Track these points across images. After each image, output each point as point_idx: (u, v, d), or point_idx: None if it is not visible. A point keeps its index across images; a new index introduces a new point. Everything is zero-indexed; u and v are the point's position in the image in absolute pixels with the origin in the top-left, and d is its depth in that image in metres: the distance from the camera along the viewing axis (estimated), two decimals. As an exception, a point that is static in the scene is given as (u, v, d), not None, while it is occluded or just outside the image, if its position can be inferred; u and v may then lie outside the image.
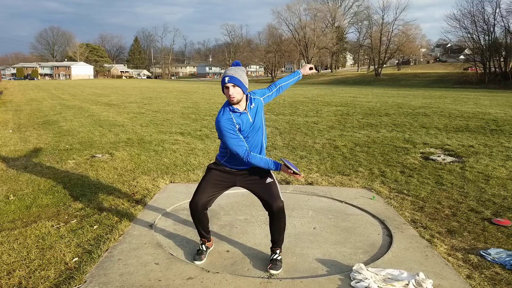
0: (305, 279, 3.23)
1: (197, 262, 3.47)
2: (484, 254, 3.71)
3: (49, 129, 11.22)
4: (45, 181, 5.96)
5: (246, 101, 3.26)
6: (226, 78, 3.10)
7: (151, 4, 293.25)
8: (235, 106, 3.17)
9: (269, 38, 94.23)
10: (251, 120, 3.26)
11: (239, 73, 3.15)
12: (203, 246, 3.62)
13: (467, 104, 20.24)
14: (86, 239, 3.93)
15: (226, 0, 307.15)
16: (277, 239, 3.45)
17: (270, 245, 3.52)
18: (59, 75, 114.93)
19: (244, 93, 3.19)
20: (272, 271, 3.30)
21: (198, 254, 3.55)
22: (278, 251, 3.46)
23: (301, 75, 3.85)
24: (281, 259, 3.44)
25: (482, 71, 55.64)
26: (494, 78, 52.13)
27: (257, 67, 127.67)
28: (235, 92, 3.11)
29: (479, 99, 23.94)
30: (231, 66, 3.31)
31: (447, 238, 4.12)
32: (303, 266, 3.47)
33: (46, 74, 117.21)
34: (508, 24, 54.19)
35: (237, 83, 3.10)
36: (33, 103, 21.23)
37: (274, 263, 3.36)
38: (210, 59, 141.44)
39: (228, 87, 3.11)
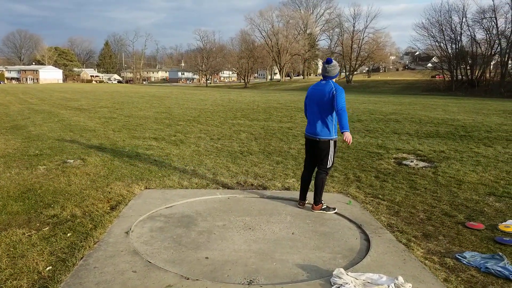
0: (286, 284, 3.21)
1: None
2: (459, 257, 3.79)
3: (18, 134, 10.87)
4: (14, 187, 5.75)
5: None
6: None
7: (124, 8, 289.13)
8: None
9: (241, 44, 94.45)
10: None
11: None
12: None
13: (436, 110, 20.77)
14: (59, 247, 3.80)
15: (199, 6, 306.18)
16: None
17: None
18: (26, 79, 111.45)
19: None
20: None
21: None
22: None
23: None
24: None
25: (450, 78, 57.34)
26: (461, 85, 53.78)
27: (230, 72, 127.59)
28: None
29: (448, 106, 24.62)
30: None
31: (423, 242, 4.19)
32: (283, 271, 3.45)
33: (13, 78, 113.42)
34: (474, 33, 56.17)
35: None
36: (-1, 107, 20.54)
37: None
38: (183, 64, 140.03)
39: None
